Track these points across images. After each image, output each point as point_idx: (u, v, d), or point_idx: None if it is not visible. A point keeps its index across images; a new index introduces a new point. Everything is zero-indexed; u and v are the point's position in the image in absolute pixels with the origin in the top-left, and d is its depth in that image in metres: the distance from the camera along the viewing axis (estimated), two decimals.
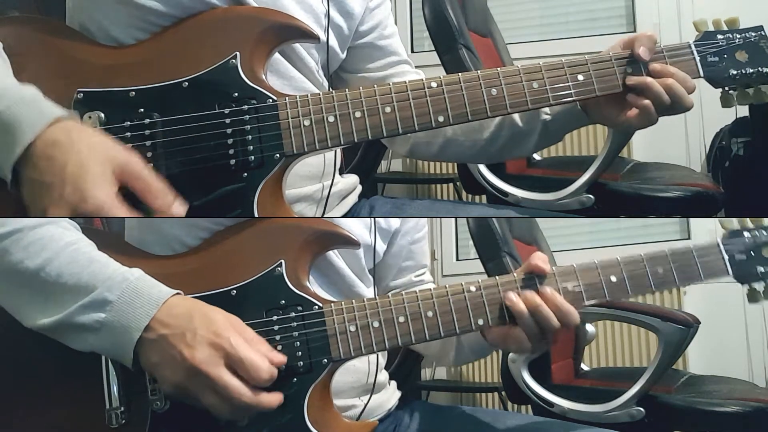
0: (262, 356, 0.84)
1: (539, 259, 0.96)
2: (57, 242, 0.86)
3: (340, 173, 1.14)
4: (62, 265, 0.85)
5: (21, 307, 0.86)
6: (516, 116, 1.10)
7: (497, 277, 0.96)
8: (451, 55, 2.07)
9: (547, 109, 1.09)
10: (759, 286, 1.06)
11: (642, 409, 1.89)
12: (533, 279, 0.96)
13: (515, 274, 0.97)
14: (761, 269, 1.05)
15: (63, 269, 0.84)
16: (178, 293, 0.86)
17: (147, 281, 0.86)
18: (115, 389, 0.87)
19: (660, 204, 2.03)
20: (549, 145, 1.16)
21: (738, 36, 1.03)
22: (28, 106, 0.80)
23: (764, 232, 1.06)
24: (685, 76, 1.00)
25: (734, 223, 1.07)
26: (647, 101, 0.99)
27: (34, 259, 0.85)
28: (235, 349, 0.82)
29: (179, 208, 0.84)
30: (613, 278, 0.99)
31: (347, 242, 0.97)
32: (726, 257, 1.04)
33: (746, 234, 1.05)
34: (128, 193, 0.82)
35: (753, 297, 1.07)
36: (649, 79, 0.99)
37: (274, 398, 0.85)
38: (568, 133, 1.13)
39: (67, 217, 0.79)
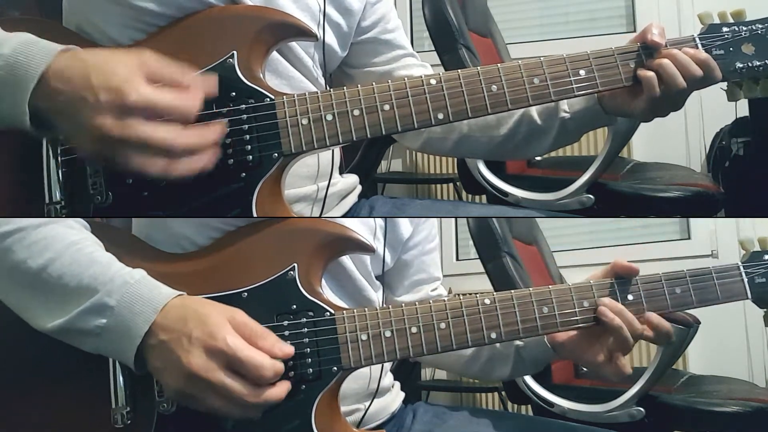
0: (262, 354, 0.82)
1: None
2: (60, 242, 0.86)
3: (340, 173, 1.14)
4: (64, 266, 0.84)
5: (26, 309, 0.86)
6: (534, 113, 1.09)
7: (512, 291, 0.95)
8: (451, 55, 2.07)
9: (566, 107, 1.08)
10: None
11: (642, 409, 1.89)
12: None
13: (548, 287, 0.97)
14: None
15: (65, 270, 0.84)
16: (180, 294, 0.85)
17: (148, 284, 0.85)
18: (121, 389, 0.86)
19: (660, 204, 2.02)
20: (565, 144, 1.14)
21: (744, 28, 1.02)
22: (29, 46, 0.79)
23: None
24: (688, 60, 0.97)
25: (755, 244, 1.07)
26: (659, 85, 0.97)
27: (37, 259, 0.84)
28: (232, 349, 0.81)
29: (211, 82, 0.84)
30: (630, 297, 0.98)
31: (362, 248, 0.96)
32: (746, 280, 1.03)
33: (766, 257, 1.05)
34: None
35: None
36: (665, 60, 0.97)
37: (280, 390, 0.84)
38: (586, 132, 1.12)
39: (115, 119, 0.76)
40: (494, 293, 0.95)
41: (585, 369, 2.38)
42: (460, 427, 1.10)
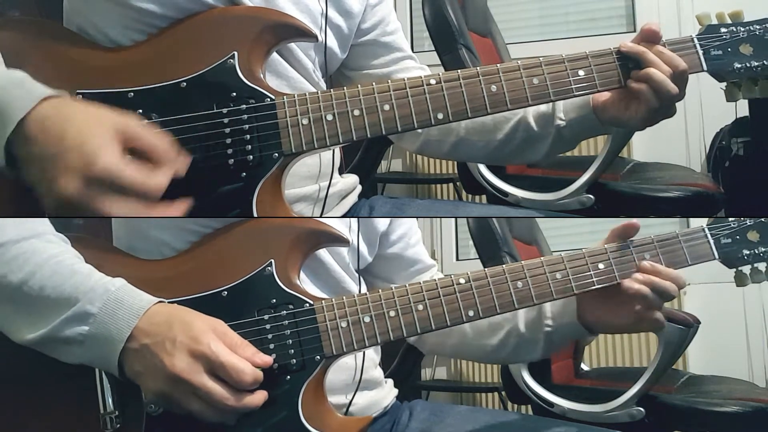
0: (243, 360, 0.84)
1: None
2: (40, 255, 0.86)
3: (340, 173, 1.14)
4: (45, 278, 0.84)
5: (7, 323, 0.85)
6: (531, 119, 1.10)
7: (486, 270, 0.97)
8: (451, 55, 2.07)
9: (561, 115, 1.08)
10: (746, 269, 1.07)
11: (642, 409, 1.89)
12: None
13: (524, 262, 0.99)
14: (746, 252, 1.06)
15: (45, 282, 0.84)
16: (160, 301, 0.86)
17: (128, 291, 0.85)
18: (109, 393, 0.86)
19: (660, 204, 2.03)
20: (562, 151, 1.15)
21: (742, 29, 1.02)
22: (17, 87, 0.79)
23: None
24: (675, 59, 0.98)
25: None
26: (648, 88, 0.97)
27: (17, 273, 0.84)
28: (215, 354, 0.82)
29: (184, 161, 0.84)
30: (601, 266, 1.00)
31: (337, 240, 0.97)
32: (712, 241, 1.05)
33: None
34: None
35: (740, 280, 1.08)
36: (651, 69, 0.97)
37: (257, 398, 0.85)
38: (582, 140, 1.12)
39: (79, 185, 0.77)
40: (469, 273, 0.96)
41: (585, 369, 2.38)
42: (458, 425, 1.10)
